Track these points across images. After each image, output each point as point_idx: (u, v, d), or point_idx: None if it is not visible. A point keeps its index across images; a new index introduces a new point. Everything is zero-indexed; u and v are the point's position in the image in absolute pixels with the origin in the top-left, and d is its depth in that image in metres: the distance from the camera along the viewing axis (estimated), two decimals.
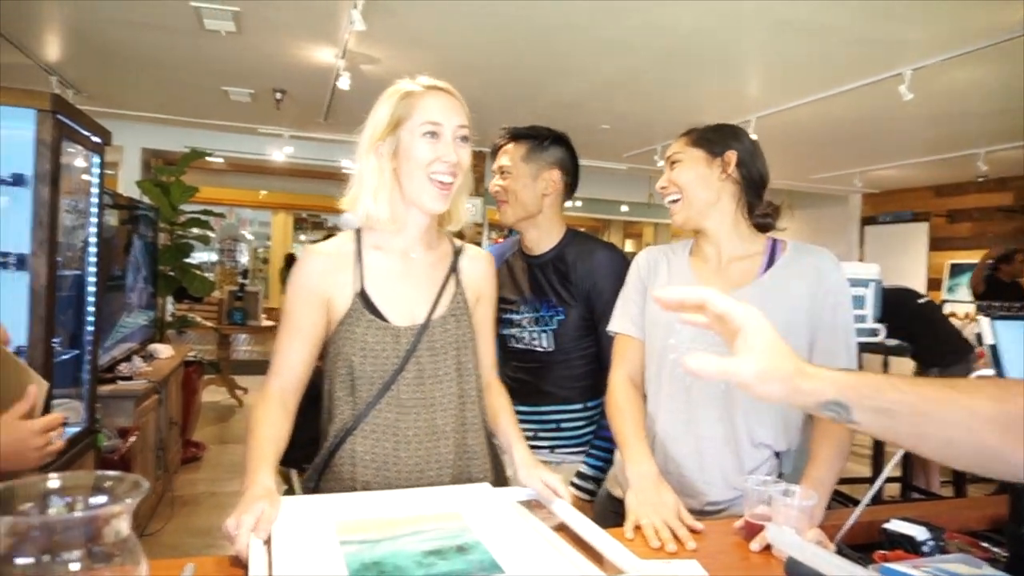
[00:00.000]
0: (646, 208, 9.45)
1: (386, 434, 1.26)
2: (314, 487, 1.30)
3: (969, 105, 4.52)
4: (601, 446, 1.73)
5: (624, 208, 9.97)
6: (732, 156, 1.41)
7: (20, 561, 0.63)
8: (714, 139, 1.44)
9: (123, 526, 0.66)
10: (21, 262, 2.11)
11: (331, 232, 9.34)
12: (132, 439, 2.99)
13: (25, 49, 4.22)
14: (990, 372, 1.12)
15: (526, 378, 1.78)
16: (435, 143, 1.25)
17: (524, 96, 4.93)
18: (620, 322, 1.52)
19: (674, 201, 1.45)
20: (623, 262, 1.74)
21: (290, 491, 1.49)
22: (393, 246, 1.33)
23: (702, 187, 1.42)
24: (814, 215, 8.99)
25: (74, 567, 0.64)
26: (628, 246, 13.86)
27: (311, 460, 1.34)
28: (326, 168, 7.32)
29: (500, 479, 1.32)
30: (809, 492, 1.11)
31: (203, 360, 5.25)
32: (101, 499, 0.69)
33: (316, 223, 13.71)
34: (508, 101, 5.00)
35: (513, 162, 1.79)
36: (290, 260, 12.61)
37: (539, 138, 1.81)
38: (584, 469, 1.72)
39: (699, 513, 1.24)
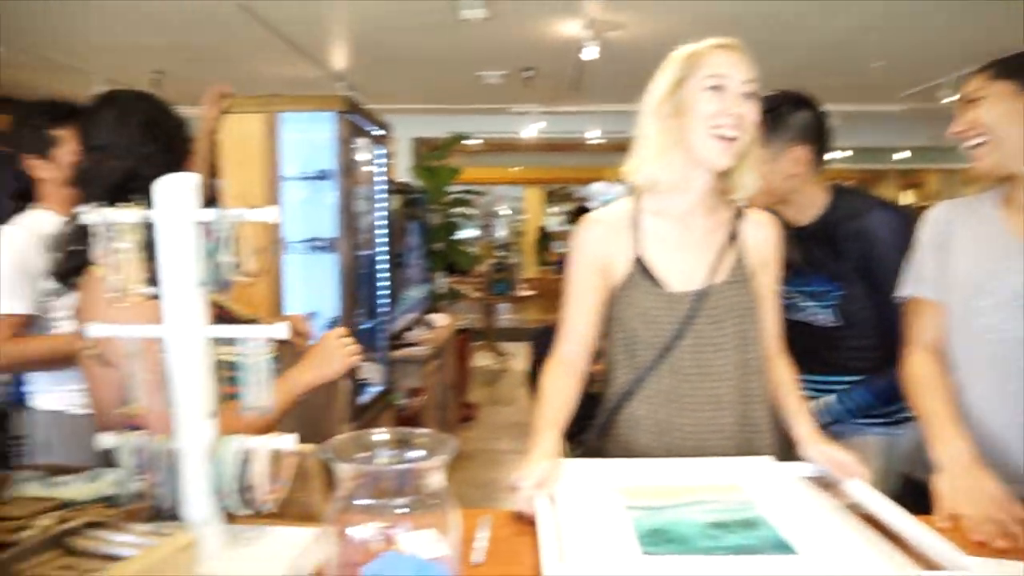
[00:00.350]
0: (929, 154, 8.22)
1: (665, 400, 1.27)
2: (594, 448, 1.35)
3: None
4: (856, 398, 1.61)
5: (900, 155, 8.76)
6: None
7: (359, 502, 0.73)
8: None
9: (438, 478, 0.74)
10: (329, 246, 2.47)
11: (580, 203, 9.56)
12: (421, 399, 3.36)
13: (318, 62, 4.88)
14: None
15: (810, 349, 1.65)
16: (719, 96, 1.20)
17: (780, 42, 4.53)
18: (915, 285, 1.35)
19: (977, 145, 1.24)
20: (900, 219, 1.54)
21: None
22: (673, 210, 1.31)
23: (1014, 125, 1.20)
24: None
25: (400, 512, 0.74)
26: (907, 197, 12.20)
27: (580, 427, 1.38)
28: (575, 141, 7.46)
29: (787, 454, 1.25)
30: None
31: (473, 328, 5.71)
32: (416, 453, 0.78)
33: (565, 195, 14.09)
34: (763, 50, 4.62)
35: None
36: (543, 233, 13.15)
37: (773, 111, 1.52)
38: (824, 407, 1.61)
39: None
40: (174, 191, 0.74)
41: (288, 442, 0.85)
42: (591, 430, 1.37)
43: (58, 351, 1.67)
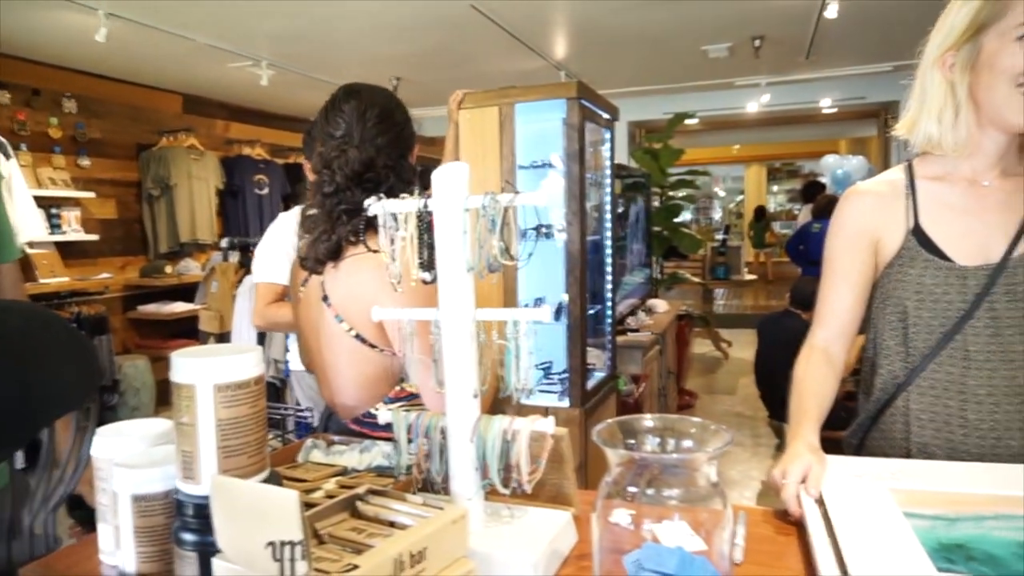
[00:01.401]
0: None
1: (949, 391, 1.11)
2: (858, 445, 1.23)
3: None
4: None
5: None
6: None
7: (631, 489, 0.72)
8: None
9: (712, 471, 0.70)
10: (559, 231, 2.51)
11: (811, 178, 8.78)
12: (643, 385, 3.32)
13: (540, 53, 4.99)
14: None
15: None
16: None
17: None
18: None
19: None
20: None
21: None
22: (957, 174, 1.15)
23: None
24: None
25: (668, 502, 0.71)
26: None
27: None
28: (804, 112, 6.91)
29: None
30: None
31: (693, 314, 5.53)
32: (687, 443, 0.75)
33: (791, 171, 13.12)
34: None
35: None
36: (759, 213, 12.35)
37: None
38: None
39: None
40: (449, 180, 0.78)
41: (548, 425, 0.86)
42: (852, 427, 1.25)
43: None
